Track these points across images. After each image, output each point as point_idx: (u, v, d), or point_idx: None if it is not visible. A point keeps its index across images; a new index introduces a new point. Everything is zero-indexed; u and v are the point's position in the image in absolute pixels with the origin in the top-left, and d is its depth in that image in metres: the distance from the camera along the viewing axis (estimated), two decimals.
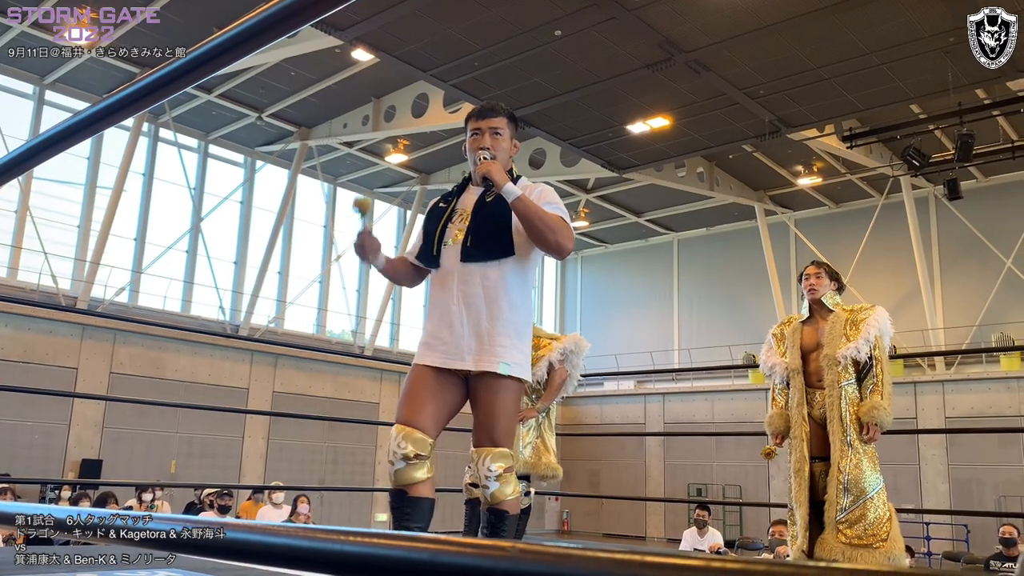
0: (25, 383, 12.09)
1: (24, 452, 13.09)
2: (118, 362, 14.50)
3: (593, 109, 13.63)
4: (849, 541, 3.46)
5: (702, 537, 7.85)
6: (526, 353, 2.56)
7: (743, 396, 18.92)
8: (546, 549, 0.42)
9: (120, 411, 14.21)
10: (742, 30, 11.16)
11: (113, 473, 13.72)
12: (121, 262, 15.56)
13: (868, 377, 3.68)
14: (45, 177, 14.91)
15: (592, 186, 19.21)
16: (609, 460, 20.99)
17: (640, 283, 22.86)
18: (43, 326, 13.64)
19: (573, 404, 22.03)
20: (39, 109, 14.98)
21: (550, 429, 4.52)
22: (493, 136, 2.63)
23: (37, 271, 14.26)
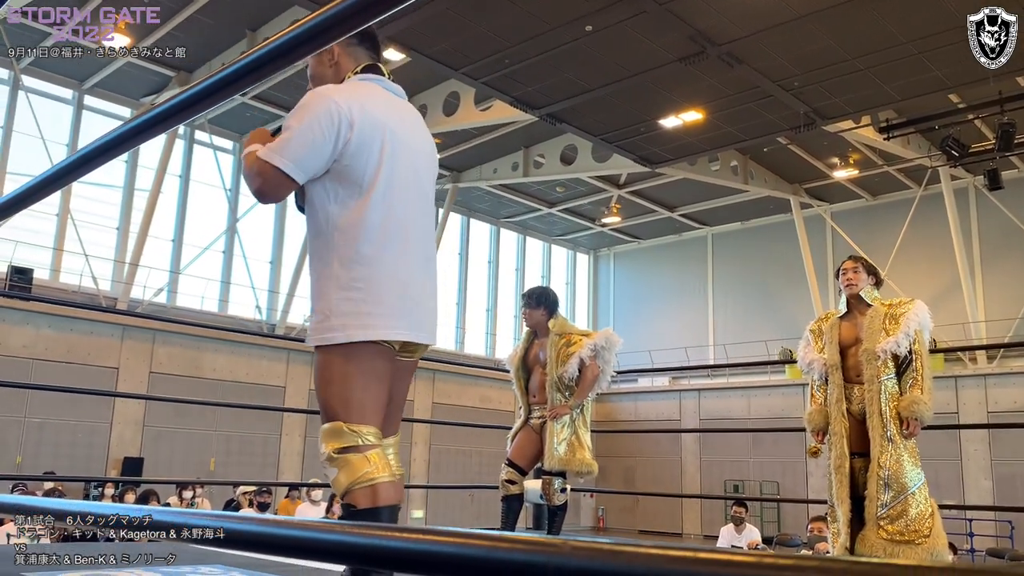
0: (68, 383, 12.33)
1: (68, 451, 13.36)
2: (158, 362, 14.74)
3: (625, 104, 13.57)
4: (891, 537, 3.42)
5: (739, 534, 7.79)
6: (352, 305, 2.02)
7: (780, 392, 18.73)
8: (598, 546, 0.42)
9: (160, 410, 14.44)
10: (775, 21, 11.04)
11: (154, 471, 13.96)
12: (159, 263, 15.81)
13: (908, 372, 3.63)
14: (85, 181, 15.17)
15: (624, 181, 19.13)
16: (644, 457, 20.91)
17: (674, 278, 22.72)
18: (84, 327, 13.90)
19: (607, 401, 21.97)
20: (79, 114, 15.27)
21: (584, 425, 4.52)
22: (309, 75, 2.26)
23: (78, 273, 14.54)
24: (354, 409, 2.02)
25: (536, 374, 4.62)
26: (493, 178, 18.61)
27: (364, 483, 1.98)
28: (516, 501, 4.52)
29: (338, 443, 2.02)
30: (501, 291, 22.11)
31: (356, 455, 2.00)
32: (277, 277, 17.56)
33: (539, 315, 4.64)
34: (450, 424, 14.70)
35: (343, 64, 2.21)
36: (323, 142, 1.99)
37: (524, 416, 4.66)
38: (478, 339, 21.52)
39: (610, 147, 15.53)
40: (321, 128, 1.98)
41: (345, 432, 2.01)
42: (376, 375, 2.07)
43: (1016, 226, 17.08)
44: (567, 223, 22.19)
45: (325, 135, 1.98)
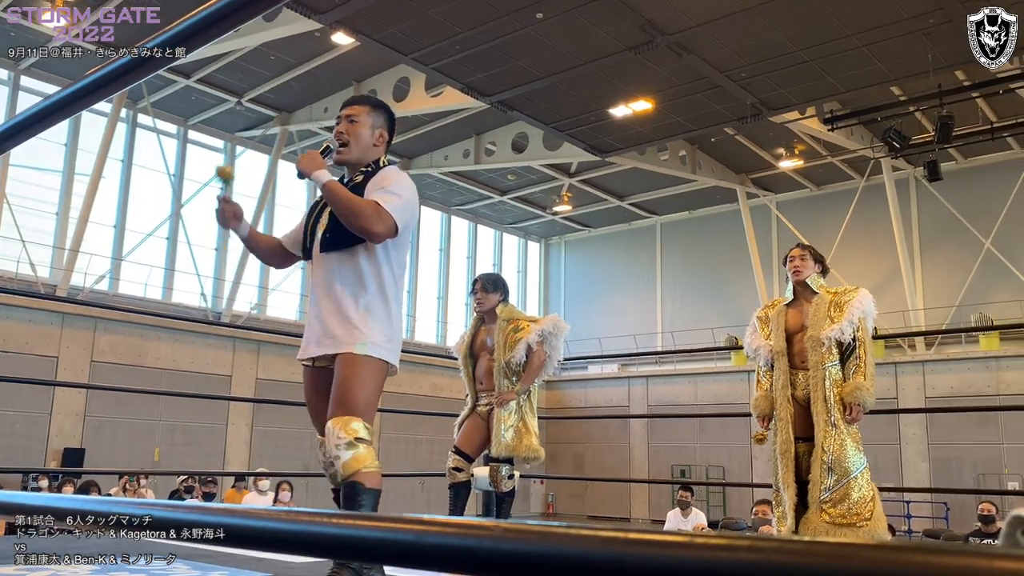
0: (4, 372, 11.97)
1: (6, 442, 12.98)
2: (99, 350, 14.39)
3: (576, 92, 13.60)
4: (833, 520, 3.50)
5: (686, 518, 7.91)
6: (388, 336, 2.57)
7: (726, 378, 19.04)
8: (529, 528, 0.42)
9: (102, 400, 14.11)
10: (723, 12, 11.15)
11: (96, 462, 13.64)
12: (101, 249, 15.42)
13: (851, 358, 3.71)
14: (22, 164, 14.72)
15: (575, 170, 19.20)
16: (593, 443, 21.09)
17: (623, 267, 22.90)
18: (22, 314, 13.50)
19: (557, 388, 22.09)
20: (15, 95, 14.80)
21: (531, 411, 4.53)
22: (349, 123, 2.72)
23: (15, 259, 14.10)
24: (370, 412, 2.54)
25: (483, 360, 4.61)
26: (444, 165, 18.51)
27: (371, 468, 2.47)
28: (464, 488, 4.52)
29: (357, 433, 2.46)
30: (452, 279, 22.05)
31: (366, 447, 2.48)
32: (223, 264, 17.25)
33: (494, 299, 4.63)
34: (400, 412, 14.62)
35: (381, 148, 2.77)
36: (413, 214, 2.64)
37: (471, 403, 4.66)
38: (429, 327, 21.44)
39: (561, 135, 15.56)
40: (415, 205, 2.66)
41: (363, 427, 2.48)
42: (381, 392, 2.63)
43: (954, 216, 17.56)
44: (518, 211, 22.20)
45: (414, 212, 2.64)
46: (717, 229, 21.22)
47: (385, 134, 2.79)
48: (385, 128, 2.79)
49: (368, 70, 14.82)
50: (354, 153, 2.72)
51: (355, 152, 2.71)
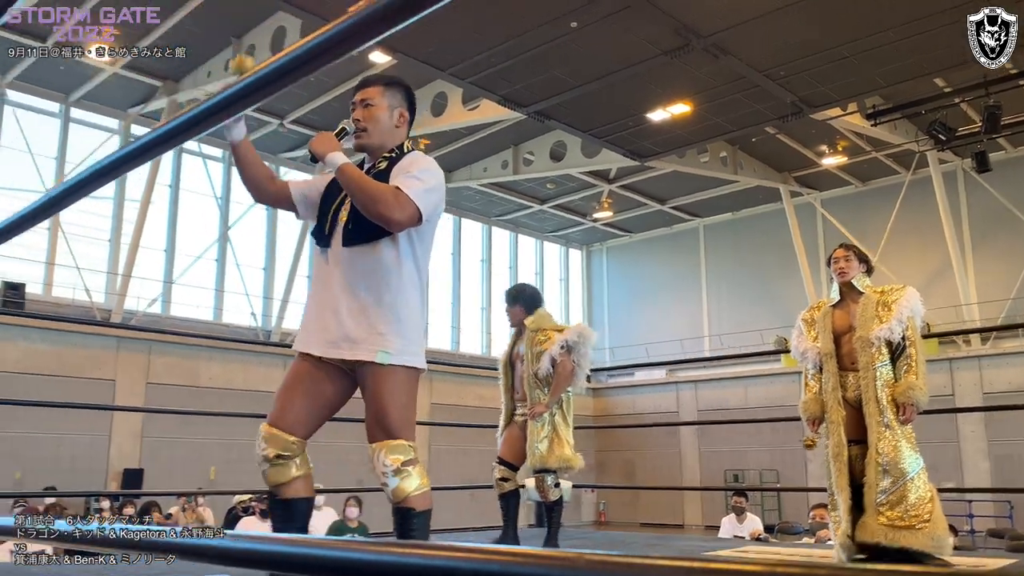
0: (64, 396, 12.29)
1: (68, 465, 13.32)
2: (154, 372, 14.71)
3: (612, 99, 13.59)
4: (891, 523, 3.44)
5: (741, 523, 7.83)
6: (412, 338, 2.42)
7: (776, 380, 18.79)
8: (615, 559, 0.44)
9: (159, 420, 14.42)
10: (759, 12, 11.07)
11: (154, 482, 13.93)
12: (152, 273, 15.78)
13: (902, 358, 3.66)
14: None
15: (614, 176, 19.16)
16: (643, 450, 20.95)
17: (667, 271, 22.77)
18: (79, 340, 13.86)
19: (605, 395, 22.02)
20: (66, 126, 15.24)
21: (564, 421, 4.52)
22: (364, 108, 2.52)
23: (71, 286, 14.50)
24: (410, 428, 2.43)
25: (519, 371, 4.65)
26: (483, 177, 18.61)
27: (422, 490, 2.40)
28: (513, 498, 4.55)
29: (403, 457, 2.38)
30: (495, 289, 22.13)
31: (414, 468, 2.39)
32: (271, 284, 17.54)
33: (517, 312, 4.69)
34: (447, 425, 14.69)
35: (403, 129, 2.59)
36: (436, 200, 2.44)
37: (508, 413, 4.70)
38: (473, 338, 21.53)
39: (599, 142, 15.55)
40: (441, 192, 2.47)
41: (407, 448, 2.39)
42: (416, 399, 2.51)
43: (1005, 207, 17.16)
44: (559, 219, 22.22)
45: (439, 197, 2.46)
46: (761, 229, 21.00)
47: (406, 113, 2.58)
48: (405, 107, 2.58)
49: None
50: (375, 138, 2.52)
51: (375, 137, 2.52)
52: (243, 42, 13.26)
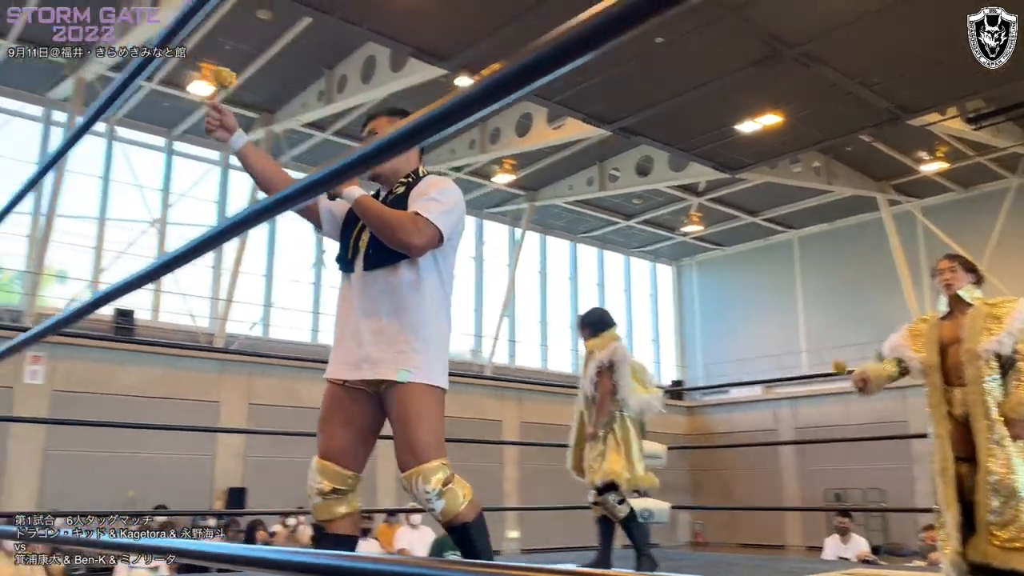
0: (172, 418, 12.82)
1: (177, 484, 13.88)
2: (255, 394, 15.21)
3: (699, 112, 13.44)
4: (1003, 545, 3.29)
5: (846, 544, 7.58)
6: (435, 356, 2.42)
7: (880, 396, 18.01)
8: None
9: (260, 440, 14.88)
10: (850, 18, 10.79)
11: (257, 500, 14.36)
12: (253, 298, 16.36)
13: (1012, 372, 3.50)
14: (179, 223, 15.87)
15: (703, 189, 18.91)
16: (741, 468, 20.47)
17: (761, 284, 22.27)
18: (186, 363, 14.46)
19: (700, 413, 21.65)
20: (170, 160, 16.02)
21: (618, 440, 4.48)
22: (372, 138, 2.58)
23: (177, 312, 15.16)
24: (441, 445, 2.40)
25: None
26: (569, 194, 18.65)
27: (465, 502, 2.37)
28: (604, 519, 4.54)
29: (441, 478, 2.35)
30: (583, 307, 22.04)
31: (454, 483, 2.38)
32: None
33: (585, 335, 4.78)
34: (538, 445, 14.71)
35: (414, 155, 2.63)
36: (455, 221, 2.49)
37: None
38: (563, 356, 21.51)
39: (687, 156, 15.39)
40: (459, 211, 2.52)
41: (441, 467, 2.36)
42: (443, 416, 2.48)
43: None
44: (646, 234, 22.03)
45: (459, 217, 2.52)
46: (859, 240, 20.34)
47: None
48: None
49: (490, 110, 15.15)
50: (386, 166, 2.56)
51: (386, 165, 2.55)
52: (335, 73, 13.69)
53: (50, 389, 13.07)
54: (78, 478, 13.08)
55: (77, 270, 15.09)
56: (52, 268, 14.67)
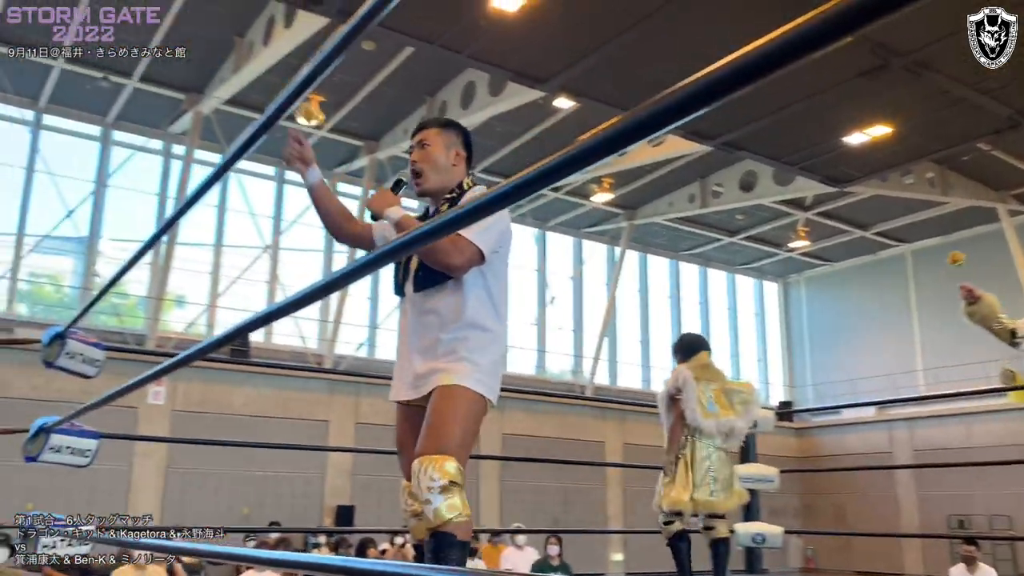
0: (284, 437, 13.26)
1: (288, 501, 14.33)
2: (362, 413, 15.57)
3: (805, 125, 13.11)
4: None
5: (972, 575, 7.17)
6: (482, 369, 2.35)
7: (1004, 416, 17.12)
8: None
9: (368, 459, 15.20)
10: (961, 24, 10.34)
11: (364, 517, 14.66)
12: (359, 319, 16.80)
13: None
14: (289, 248, 16.47)
15: (810, 203, 18.38)
16: (854, 492, 19.66)
17: (873, 301, 21.43)
18: (297, 384, 14.94)
19: (810, 435, 20.96)
20: (281, 188, 16.69)
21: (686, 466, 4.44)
22: (421, 149, 2.56)
23: (288, 334, 15.70)
24: (464, 451, 2.28)
25: None
26: (669, 212, 18.45)
27: (463, 518, 2.21)
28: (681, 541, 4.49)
29: (451, 476, 2.20)
30: (685, 327, 21.71)
31: (460, 492, 2.22)
32: None
33: (678, 361, 4.82)
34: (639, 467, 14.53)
35: (460, 167, 2.59)
36: (498, 236, 2.41)
37: None
38: (665, 377, 21.18)
39: (793, 170, 15.01)
40: (501, 225, 2.43)
41: (458, 470, 2.23)
42: (477, 433, 2.38)
43: None
44: (751, 251, 21.56)
45: (501, 231, 2.43)
46: (977, 252, 19.25)
47: (461, 151, 2.61)
48: (460, 146, 2.61)
49: (589, 129, 15.10)
50: (432, 181, 2.55)
51: (432, 179, 2.55)
52: (436, 99, 14.00)
53: (171, 409, 13.72)
54: (196, 494, 13.67)
55: (194, 295, 15.84)
56: (172, 293, 15.44)
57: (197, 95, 13.92)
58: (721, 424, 4.48)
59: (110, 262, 15.05)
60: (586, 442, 17.80)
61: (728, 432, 4.49)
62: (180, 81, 13.81)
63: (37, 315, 14.61)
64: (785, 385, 22.89)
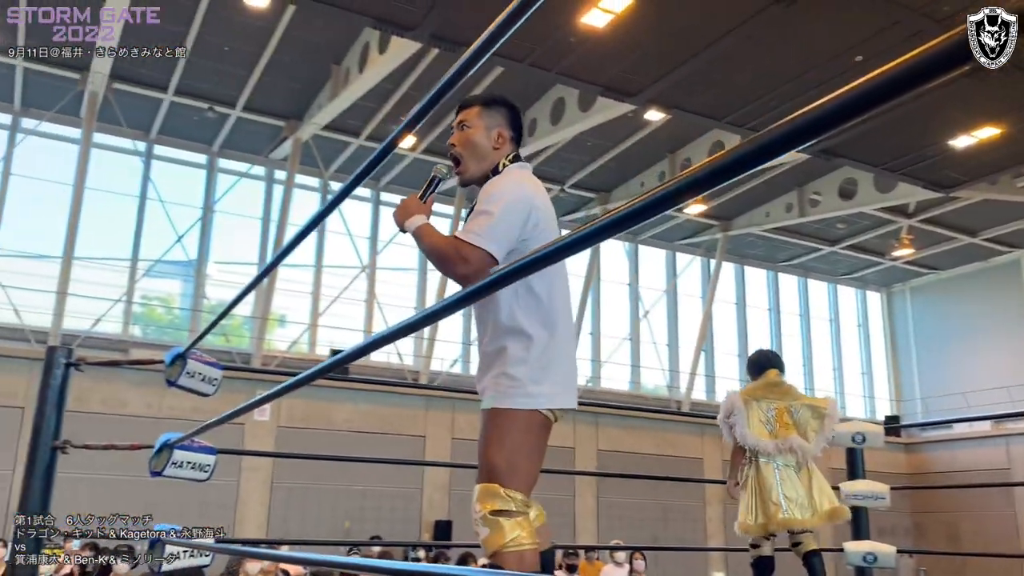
0: (383, 452, 13.52)
1: (388, 515, 14.58)
2: (458, 428, 15.74)
3: (907, 129, 12.68)
4: None
5: None
6: (524, 378, 2.16)
7: None
8: None
9: (464, 474, 15.35)
10: None
11: (462, 533, 14.78)
12: (453, 336, 17.02)
13: None
14: (386, 267, 16.85)
15: (914, 210, 17.70)
16: (969, 511, 18.73)
17: (984, 309, 20.44)
18: (394, 400, 15.23)
19: (918, 451, 20.10)
20: (377, 210, 17.09)
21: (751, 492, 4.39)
22: (460, 131, 2.35)
23: (386, 352, 16.01)
24: (514, 475, 2.11)
25: None
26: (766, 222, 18.06)
27: (513, 548, 2.04)
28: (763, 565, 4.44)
29: (493, 505, 2.09)
30: (786, 341, 21.16)
31: (507, 520, 2.07)
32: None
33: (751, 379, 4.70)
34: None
35: (503, 149, 2.34)
36: (517, 224, 2.15)
37: None
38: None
39: (895, 176, 14.53)
40: (516, 212, 2.15)
41: (501, 495, 2.09)
42: (540, 447, 2.19)
43: None
44: (852, 260, 20.88)
45: (519, 217, 2.16)
46: None
47: (505, 132, 2.35)
48: (505, 126, 2.36)
49: (681, 140, 15.04)
50: (472, 167, 2.33)
51: (472, 165, 2.33)
52: (526, 117, 14.10)
53: (276, 425, 14.17)
54: (300, 508, 14.06)
55: (295, 314, 16.35)
56: (275, 313, 15.98)
57: (296, 122, 14.43)
58: (781, 444, 4.40)
59: (217, 284, 15.71)
60: (685, 459, 17.51)
61: (790, 450, 4.40)
62: (280, 109, 14.34)
63: (150, 336, 15.35)
64: (891, 399, 22.03)
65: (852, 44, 10.46)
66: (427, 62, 12.18)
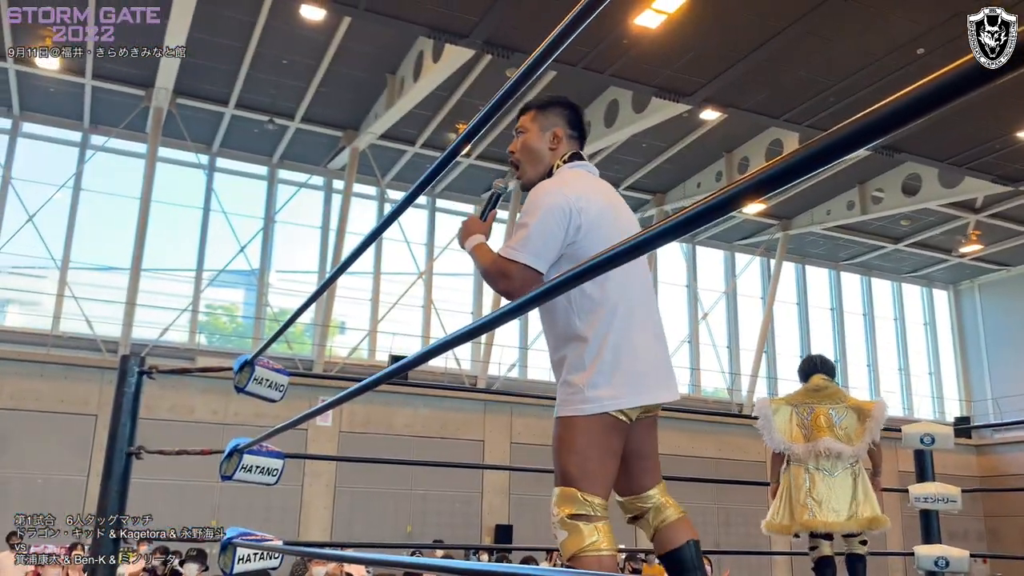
0: (442, 456, 13.62)
1: (448, 519, 14.68)
2: (516, 432, 15.76)
3: (972, 122, 12.33)
4: None
5: None
6: (581, 382, 2.14)
7: None
8: None
9: (524, 478, 15.37)
10: None
11: (522, 537, 14.80)
12: (509, 341, 17.06)
13: None
14: (443, 273, 16.98)
15: (981, 205, 17.18)
16: None
17: None
18: (453, 404, 15.32)
19: (991, 452, 19.48)
20: (433, 217, 17.25)
21: (782, 494, 4.45)
22: (518, 136, 2.42)
23: (444, 357, 16.13)
24: (589, 479, 2.11)
25: None
26: (827, 220, 17.71)
27: (591, 552, 2.05)
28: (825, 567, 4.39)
29: (571, 509, 2.10)
30: (850, 341, 20.72)
31: (586, 524, 2.08)
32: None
33: None
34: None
35: (559, 150, 2.38)
36: (557, 231, 2.16)
37: None
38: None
39: (960, 170, 14.14)
40: (554, 219, 2.15)
41: (579, 499, 2.10)
42: (612, 450, 2.17)
43: None
44: (917, 258, 20.35)
45: (558, 224, 2.15)
46: None
47: (561, 131, 2.38)
48: (561, 125, 2.39)
49: (737, 139, 14.86)
50: (529, 171, 2.38)
51: (530, 170, 2.38)
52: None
53: (338, 430, 14.38)
54: (363, 512, 14.24)
55: (355, 321, 16.58)
56: (335, 320, 16.23)
57: (353, 132, 14.65)
58: (811, 446, 4.39)
59: (279, 293, 16.03)
60: (746, 462, 17.25)
61: (821, 452, 4.36)
62: (337, 119, 14.58)
63: (215, 344, 15.72)
64: (961, 400, 21.39)
65: (914, 36, 10.22)
66: (480, 68, 12.26)
